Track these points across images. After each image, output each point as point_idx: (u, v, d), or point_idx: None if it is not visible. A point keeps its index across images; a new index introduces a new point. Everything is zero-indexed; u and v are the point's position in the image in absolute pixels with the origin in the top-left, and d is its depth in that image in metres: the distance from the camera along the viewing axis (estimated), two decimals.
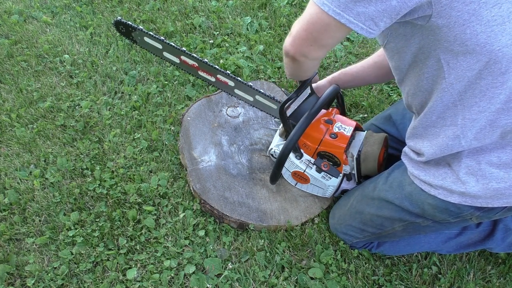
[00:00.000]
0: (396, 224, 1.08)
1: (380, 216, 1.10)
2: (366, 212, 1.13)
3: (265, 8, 2.09)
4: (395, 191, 1.04)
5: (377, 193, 1.10)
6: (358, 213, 1.15)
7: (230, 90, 1.43)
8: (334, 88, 1.18)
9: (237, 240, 1.26)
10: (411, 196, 1.00)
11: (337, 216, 1.25)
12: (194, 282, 1.16)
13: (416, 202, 0.99)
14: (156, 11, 2.04)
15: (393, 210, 1.06)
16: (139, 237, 1.25)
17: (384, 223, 1.10)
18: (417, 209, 1.00)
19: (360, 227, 1.16)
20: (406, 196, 1.01)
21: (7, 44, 1.85)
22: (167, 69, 1.77)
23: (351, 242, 1.23)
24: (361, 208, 1.14)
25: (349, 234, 1.21)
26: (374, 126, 1.33)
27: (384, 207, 1.08)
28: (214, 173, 1.35)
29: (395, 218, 1.07)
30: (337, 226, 1.24)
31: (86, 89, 1.69)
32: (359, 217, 1.15)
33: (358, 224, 1.16)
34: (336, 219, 1.25)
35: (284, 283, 1.17)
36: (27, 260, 1.20)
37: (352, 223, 1.18)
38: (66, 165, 1.42)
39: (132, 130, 1.55)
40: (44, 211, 1.31)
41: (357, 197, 1.18)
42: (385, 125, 1.30)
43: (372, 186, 1.13)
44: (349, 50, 1.90)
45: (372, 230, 1.15)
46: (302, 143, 1.20)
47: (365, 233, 1.17)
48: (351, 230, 1.19)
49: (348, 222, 1.19)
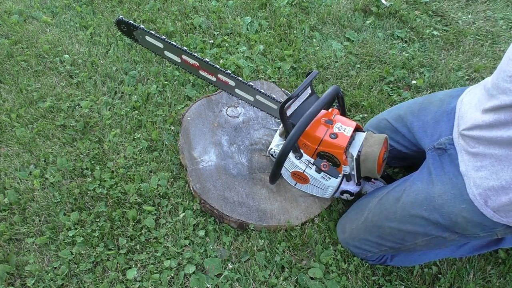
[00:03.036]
0: (419, 239, 1.03)
1: (402, 231, 1.04)
2: (386, 226, 1.07)
3: (265, 8, 2.09)
4: (422, 203, 0.99)
5: (401, 206, 1.04)
6: (376, 227, 1.10)
7: (231, 89, 1.43)
8: (334, 89, 1.18)
9: (237, 240, 1.26)
10: (442, 208, 0.95)
11: (348, 230, 1.20)
12: (194, 282, 1.16)
13: (448, 214, 0.94)
14: (156, 11, 2.04)
15: (417, 225, 1.00)
16: (139, 237, 1.25)
17: (405, 238, 1.05)
18: (448, 222, 0.95)
19: (377, 242, 1.11)
20: (436, 208, 0.96)
21: (7, 44, 1.85)
22: (167, 69, 1.77)
23: (365, 256, 1.19)
24: (380, 222, 1.09)
25: (363, 248, 1.16)
26: (386, 121, 1.29)
27: (408, 221, 1.02)
28: (214, 173, 1.35)
29: (419, 233, 1.02)
30: (349, 241, 1.19)
31: (86, 89, 1.69)
32: (377, 231, 1.10)
33: (375, 238, 1.11)
34: (348, 234, 1.19)
35: (284, 283, 1.17)
36: (27, 260, 1.20)
37: (368, 237, 1.13)
38: (66, 165, 1.42)
39: (132, 130, 1.55)
40: (44, 211, 1.31)
41: (374, 210, 1.12)
42: (397, 123, 1.25)
43: (393, 199, 1.07)
44: (349, 50, 1.90)
45: (390, 245, 1.10)
46: (302, 143, 1.20)
47: (382, 247, 1.12)
48: (366, 244, 1.14)
49: (363, 236, 1.14)
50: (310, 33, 1.99)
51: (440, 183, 0.98)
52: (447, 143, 1.02)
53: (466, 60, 1.89)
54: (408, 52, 1.91)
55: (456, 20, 2.10)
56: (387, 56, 1.88)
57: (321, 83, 1.76)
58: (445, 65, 1.87)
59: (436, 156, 1.04)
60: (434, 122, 1.11)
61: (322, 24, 2.05)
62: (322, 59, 1.84)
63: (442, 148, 1.03)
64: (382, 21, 2.08)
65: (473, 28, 2.05)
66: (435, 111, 1.13)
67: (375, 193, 1.19)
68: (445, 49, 1.96)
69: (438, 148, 1.04)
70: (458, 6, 2.20)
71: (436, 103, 1.15)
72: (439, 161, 1.02)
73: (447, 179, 0.97)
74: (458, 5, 2.21)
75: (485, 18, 2.14)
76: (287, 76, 1.77)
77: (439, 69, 1.84)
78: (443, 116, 1.10)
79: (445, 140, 1.03)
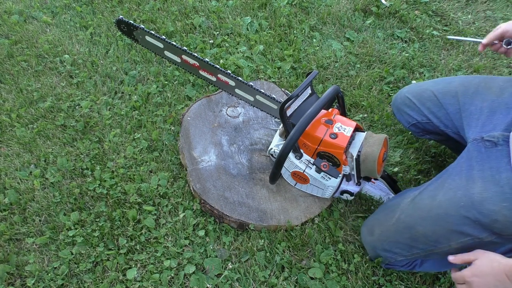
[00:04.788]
0: (453, 241, 0.97)
1: (437, 231, 0.98)
2: (420, 226, 1.01)
3: (265, 8, 2.09)
4: (460, 199, 0.93)
5: (437, 204, 0.98)
6: (408, 228, 1.04)
7: (231, 89, 1.43)
8: (334, 88, 1.18)
9: (237, 240, 1.26)
10: (481, 205, 0.90)
11: (377, 232, 1.13)
12: (194, 282, 1.16)
13: (488, 212, 0.89)
14: (156, 11, 2.04)
15: (454, 223, 0.94)
16: (139, 237, 1.25)
17: (439, 239, 0.99)
18: (488, 220, 0.90)
19: (409, 244, 1.05)
20: (475, 205, 0.91)
21: (7, 44, 1.85)
22: (167, 69, 1.77)
23: (394, 260, 1.12)
24: (413, 222, 1.03)
25: (393, 251, 1.10)
26: (431, 92, 1.18)
27: (443, 220, 0.96)
28: (214, 173, 1.35)
29: (455, 233, 0.95)
30: (377, 244, 1.13)
31: (86, 89, 1.69)
32: (409, 232, 1.04)
33: (406, 240, 1.05)
34: (376, 236, 1.13)
35: (284, 283, 1.17)
36: (27, 260, 1.20)
37: (399, 239, 1.07)
38: (66, 165, 1.43)
39: (132, 130, 1.55)
40: (44, 211, 1.31)
41: (407, 211, 1.06)
42: (446, 99, 1.14)
43: (429, 197, 1.02)
44: (349, 50, 1.90)
45: (422, 247, 1.03)
46: (301, 143, 1.20)
47: (413, 250, 1.06)
48: (397, 247, 1.08)
49: (394, 238, 1.08)
50: (310, 33, 1.99)
51: (481, 180, 0.93)
52: (500, 138, 0.95)
53: (466, 60, 1.89)
54: (408, 52, 1.91)
55: (456, 20, 2.10)
56: (387, 56, 1.88)
57: (321, 83, 1.76)
58: (445, 65, 1.87)
59: (482, 148, 0.97)
60: (490, 111, 1.03)
61: (322, 24, 2.05)
62: (322, 59, 1.84)
63: (493, 142, 0.96)
64: (382, 21, 2.08)
65: (473, 28, 2.05)
66: (492, 99, 1.04)
67: (406, 194, 1.13)
68: (445, 49, 1.96)
69: (488, 141, 0.97)
70: (458, 6, 2.20)
71: (495, 90, 1.06)
72: (485, 154, 0.96)
73: (489, 175, 0.92)
74: (458, 5, 2.21)
75: (485, 18, 2.14)
76: (287, 76, 1.77)
77: (439, 69, 1.84)
78: (501, 107, 1.02)
79: (499, 135, 0.96)
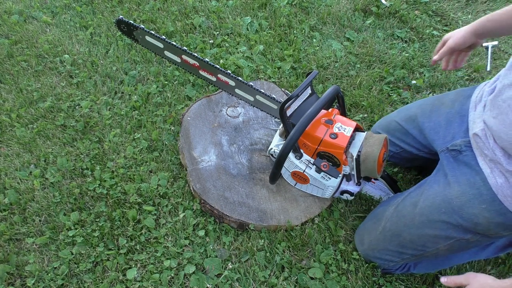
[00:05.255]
0: (440, 244, 1.01)
1: (423, 237, 1.01)
2: (405, 233, 1.04)
3: (265, 8, 2.09)
4: (440, 206, 0.97)
5: (419, 211, 1.01)
6: (395, 236, 1.07)
7: (231, 89, 1.43)
8: (334, 88, 1.18)
9: (237, 240, 1.26)
10: (461, 210, 0.93)
11: (366, 241, 1.17)
12: (194, 282, 1.16)
13: (469, 215, 0.92)
14: (156, 11, 2.04)
15: (438, 229, 0.98)
16: (139, 237, 1.25)
17: (426, 244, 1.02)
18: (469, 223, 0.93)
19: (398, 250, 1.09)
20: (455, 210, 0.94)
21: (7, 44, 1.85)
22: (167, 69, 1.77)
23: (387, 266, 1.16)
24: (399, 230, 1.06)
25: (384, 258, 1.14)
26: (395, 122, 1.27)
27: (427, 226, 1.00)
28: (214, 173, 1.35)
29: (440, 237, 0.99)
30: (369, 252, 1.17)
31: (86, 89, 1.69)
32: (397, 239, 1.07)
33: (395, 247, 1.09)
34: (367, 245, 1.17)
35: (284, 283, 1.17)
36: (27, 260, 1.20)
37: (388, 246, 1.10)
38: (66, 165, 1.43)
39: (132, 130, 1.55)
40: (44, 211, 1.31)
41: (391, 219, 1.10)
42: (408, 125, 1.23)
43: (410, 205, 1.05)
44: (349, 50, 1.90)
45: (412, 252, 1.07)
46: (302, 143, 1.20)
47: (403, 255, 1.09)
48: (387, 254, 1.12)
49: (383, 246, 1.12)
50: (310, 33, 1.99)
51: (457, 184, 0.96)
52: (462, 145, 1.00)
53: (466, 60, 1.88)
54: (408, 52, 1.91)
55: (456, 20, 2.10)
56: (387, 56, 1.88)
57: (321, 83, 1.76)
58: None
59: (450, 157, 1.02)
60: (446, 123, 1.09)
61: (322, 24, 2.05)
62: (322, 59, 1.84)
63: (457, 150, 1.01)
64: (382, 21, 2.08)
65: None
66: (447, 112, 1.11)
67: (390, 202, 1.16)
68: None
69: (452, 150, 1.02)
70: (458, 6, 2.20)
71: (447, 103, 1.13)
72: (453, 163, 1.01)
73: (464, 180, 0.95)
74: (458, 5, 2.21)
75: None
76: (287, 76, 1.77)
77: (439, 69, 1.84)
78: (455, 117, 1.08)
79: (460, 142, 1.01)
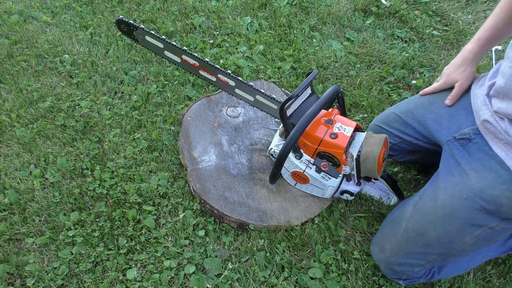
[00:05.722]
0: (467, 236, 0.98)
1: (449, 231, 0.99)
2: (431, 230, 1.01)
3: (265, 8, 2.09)
4: (461, 192, 0.96)
5: (441, 204, 0.99)
6: (420, 235, 1.03)
7: (231, 89, 1.43)
8: (334, 88, 1.18)
9: (237, 240, 1.26)
10: (482, 193, 0.93)
11: (388, 248, 1.11)
12: (194, 282, 1.16)
13: (491, 197, 0.91)
14: (156, 11, 2.04)
15: (463, 218, 0.96)
16: (139, 237, 1.25)
17: (453, 239, 0.99)
18: (492, 206, 0.92)
19: (423, 251, 1.04)
20: (477, 194, 0.93)
21: (7, 44, 1.85)
22: (167, 69, 1.77)
23: (411, 272, 1.11)
24: (423, 228, 1.02)
25: (409, 263, 1.08)
26: (394, 114, 1.28)
27: (452, 217, 0.97)
28: (214, 173, 1.35)
29: (466, 228, 0.97)
30: (391, 259, 1.10)
31: (86, 89, 1.69)
32: (421, 239, 1.03)
33: (420, 248, 1.04)
34: (389, 252, 1.11)
35: (284, 283, 1.17)
36: (27, 260, 1.20)
37: (413, 248, 1.06)
38: (66, 165, 1.43)
39: (132, 130, 1.55)
40: (44, 211, 1.31)
41: (412, 218, 1.06)
42: (407, 116, 1.24)
43: (430, 199, 1.03)
44: (349, 50, 1.90)
45: (438, 251, 1.03)
46: (302, 143, 1.20)
47: (429, 256, 1.05)
48: (412, 257, 1.07)
49: (407, 249, 1.07)
50: (310, 33, 1.99)
51: (473, 171, 0.96)
52: (471, 133, 1.02)
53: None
54: (408, 52, 1.91)
55: (456, 20, 2.10)
56: (387, 56, 1.88)
57: (321, 83, 1.76)
58: (445, 65, 1.86)
59: (459, 146, 1.03)
60: (449, 115, 1.11)
61: (322, 24, 2.05)
62: (322, 59, 1.84)
63: (466, 138, 1.02)
64: (382, 21, 2.07)
65: (473, 28, 2.05)
66: (447, 107, 1.14)
67: (405, 204, 1.13)
68: (445, 49, 1.96)
69: (461, 139, 1.04)
70: (458, 6, 2.20)
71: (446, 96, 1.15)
72: (463, 151, 1.02)
73: (480, 166, 0.96)
74: (458, 5, 2.21)
75: (485, 18, 2.14)
76: (287, 76, 1.77)
77: (439, 69, 1.84)
78: (458, 109, 1.10)
79: (468, 131, 1.03)
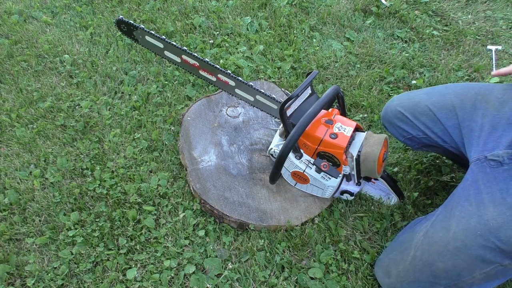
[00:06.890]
0: (477, 272, 0.91)
1: (458, 265, 0.92)
2: (439, 262, 0.94)
3: (265, 8, 2.09)
4: (476, 228, 0.88)
5: (453, 236, 0.92)
6: (427, 265, 0.97)
7: (231, 89, 1.43)
8: (334, 88, 1.18)
9: (237, 240, 1.26)
10: (498, 232, 0.85)
11: (394, 273, 1.06)
12: (194, 282, 1.16)
13: (508, 238, 0.84)
14: (156, 11, 2.04)
15: (474, 255, 0.89)
16: (139, 237, 1.25)
17: (462, 273, 0.92)
18: (508, 247, 0.85)
19: (430, 281, 0.98)
20: (492, 232, 0.86)
21: (7, 44, 1.85)
22: (167, 69, 1.77)
23: None
24: (431, 259, 0.96)
25: None
26: (426, 106, 1.12)
27: (462, 252, 0.90)
28: (214, 173, 1.35)
29: (477, 264, 0.90)
30: (397, 285, 1.05)
31: (86, 89, 1.69)
32: (429, 270, 0.97)
33: (427, 278, 0.98)
34: (394, 278, 1.05)
35: (284, 283, 1.17)
36: (27, 260, 1.20)
37: (420, 277, 0.99)
38: (66, 165, 1.43)
39: (132, 130, 1.55)
40: (44, 211, 1.31)
41: (422, 247, 1.00)
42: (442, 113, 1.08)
43: (442, 229, 0.96)
44: (349, 50, 1.90)
45: (445, 283, 0.97)
46: (302, 143, 1.20)
47: (437, 287, 0.99)
48: (418, 286, 1.01)
49: (413, 277, 1.01)
50: (310, 33, 1.99)
51: (492, 204, 0.88)
52: (505, 156, 0.91)
53: (466, 60, 1.89)
54: (408, 52, 1.91)
55: (456, 20, 2.10)
56: (387, 56, 1.88)
57: (321, 83, 1.76)
58: (445, 65, 1.86)
59: (487, 168, 0.93)
60: (491, 128, 0.98)
61: (322, 24, 2.05)
62: (322, 59, 1.84)
63: (498, 161, 0.92)
64: (382, 21, 2.08)
65: (473, 28, 2.05)
66: (493, 114, 0.99)
67: (416, 227, 1.07)
68: (445, 49, 1.96)
69: (492, 160, 0.93)
70: (458, 6, 2.20)
71: (494, 104, 1.01)
72: (491, 175, 0.92)
73: (500, 198, 0.88)
74: (458, 5, 2.21)
75: (485, 18, 2.14)
76: (287, 76, 1.77)
77: (439, 69, 1.84)
78: (502, 122, 0.97)
79: (503, 153, 0.92)
